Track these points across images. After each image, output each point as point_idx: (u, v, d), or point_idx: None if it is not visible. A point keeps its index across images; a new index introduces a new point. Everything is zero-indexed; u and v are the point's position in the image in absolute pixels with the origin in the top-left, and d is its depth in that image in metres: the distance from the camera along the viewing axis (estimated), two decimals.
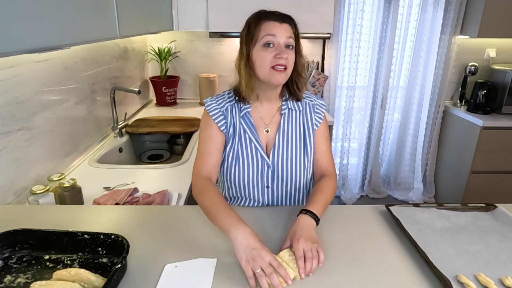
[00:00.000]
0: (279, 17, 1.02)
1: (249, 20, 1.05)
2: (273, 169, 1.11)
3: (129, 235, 0.87)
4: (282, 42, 1.00)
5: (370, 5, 2.58)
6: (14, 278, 0.79)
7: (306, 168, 1.13)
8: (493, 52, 2.71)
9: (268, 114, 1.13)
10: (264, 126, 1.13)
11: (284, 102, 1.13)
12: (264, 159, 1.10)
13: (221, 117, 1.09)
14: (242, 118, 1.10)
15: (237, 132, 1.10)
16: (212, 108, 1.10)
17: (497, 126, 2.38)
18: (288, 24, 1.02)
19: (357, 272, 0.83)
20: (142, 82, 2.51)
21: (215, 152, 1.08)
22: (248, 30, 1.03)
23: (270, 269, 0.76)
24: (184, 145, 1.98)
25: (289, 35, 1.01)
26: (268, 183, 1.12)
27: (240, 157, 1.10)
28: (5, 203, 1.13)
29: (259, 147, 1.10)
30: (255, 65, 1.03)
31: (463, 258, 0.86)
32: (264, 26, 1.01)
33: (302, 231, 0.88)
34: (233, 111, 1.11)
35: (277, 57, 0.99)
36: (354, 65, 2.70)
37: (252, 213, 1.07)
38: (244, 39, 1.04)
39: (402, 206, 1.07)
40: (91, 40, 1.15)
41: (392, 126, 2.93)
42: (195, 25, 2.26)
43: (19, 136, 1.19)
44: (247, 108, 1.10)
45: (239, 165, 1.10)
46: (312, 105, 1.16)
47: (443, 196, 2.89)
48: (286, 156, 1.11)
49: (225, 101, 1.12)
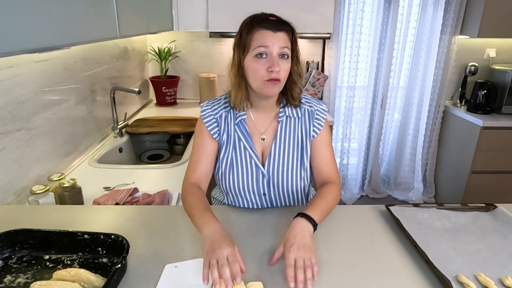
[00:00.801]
0: (273, 24, 0.96)
1: (242, 27, 0.99)
2: (268, 178, 1.08)
3: (129, 235, 0.87)
4: (275, 52, 0.95)
5: (370, 5, 2.58)
6: (14, 278, 0.79)
7: (302, 178, 1.09)
8: (493, 52, 2.71)
9: (264, 122, 1.09)
10: (260, 134, 1.09)
11: (282, 109, 1.09)
12: (258, 168, 1.07)
13: (214, 124, 1.07)
14: (237, 125, 1.07)
15: (232, 139, 1.07)
16: (207, 114, 1.08)
17: (497, 126, 2.38)
18: (283, 32, 0.97)
19: (357, 272, 0.83)
20: (142, 82, 2.51)
21: (205, 161, 1.07)
22: (240, 37, 0.98)
23: (223, 262, 0.75)
24: (184, 145, 1.98)
25: (283, 45, 0.96)
26: (264, 191, 1.09)
27: (235, 164, 1.07)
28: (5, 203, 1.13)
29: (254, 156, 1.07)
30: (248, 75, 0.99)
31: (463, 258, 0.86)
32: (256, 35, 0.95)
33: (295, 238, 0.83)
34: (228, 118, 1.08)
35: (269, 70, 0.94)
36: (354, 65, 2.70)
37: (248, 215, 1.07)
38: (236, 47, 1.00)
39: (402, 206, 1.07)
40: (91, 40, 1.15)
41: (392, 126, 2.93)
42: (195, 25, 2.26)
43: (19, 136, 1.19)
44: (242, 115, 1.07)
45: (233, 173, 1.07)
46: (311, 111, 1.10)
47: (443, 196, 2.89)
48: (282, 166, 1.07)
49: (220, 107, 1.09)
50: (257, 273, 0.81)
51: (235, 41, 1.01)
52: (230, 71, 1.02)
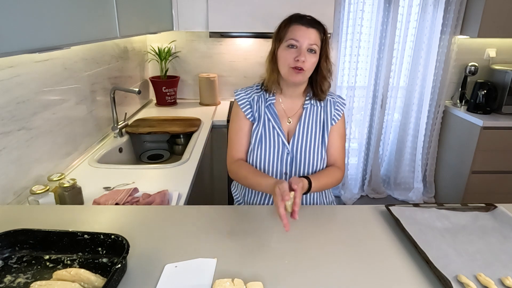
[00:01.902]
0: (308, 22, 1.12)
1: (282, 22, 1.16)
2: (292, 155, 1.20)
3: (129, 235, 0.87)
4: (304, 46, 1.10)
5: (370, 5, 2.58)
6: (14, 278, 0.79)
7: (323, 158, 1.21)
8: (493, 52, 2.71)
9: (291, 108, 1.23)
10: (286, 117, 1.23)
11: (308, 100, 1.23)
12: (285, 145, 1.20)
13: (247, 106, 1.22)
14: (267, 108, 1.21)
15: (262, 119, 1.21)
16: (241, 97, 1.24)
17: (497, 126, 2.38)
18: (315, 29, 1.11)
19: (357, 272, 0.83)
20: (142, 82, 2.51)
21: (243, 140, 1.23)
22: (279, 29, 1.15)
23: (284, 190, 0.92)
24: (184, 145, 1.98)
25: (312, 42, 1.10)
26: (286, 169, 1.21)
27: (263, 140, 1.20)
28: (5, 203, 1.13)
29: (281, 134, 1.20)
30: (278, 62, 1.15)
31: (463, 258, 0.86)
32: (291, 28, 1.11)
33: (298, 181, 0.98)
34: (259, 101, 1.22)
35: (296, 59, 1.09)
36: (354, 65, 2.70)
37: (254, 214, 1.07)
38: (274, 37, 1.17)
39: (402, 206, 1.07)
40: (91, 40, 1.15)
41: (392, 126, 2.93)
42: (195, 25, 2.26)
43: (19, 136, 1.19)
44: (271, 99, 1.22)
45: (261, 148, 1.20)
46: (333, 101, 1.25)
47: (443, 196, 2.89)
48: (305, 145, 1.20)
49: (253, 91, 1.24)
50: (257, 273, 0.81)
51: (274, 33, 1.18)
52: (267, 58, 1.19)
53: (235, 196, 1.38)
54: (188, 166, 1.52)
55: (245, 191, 1.30)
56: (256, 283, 0.77)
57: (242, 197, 1.32)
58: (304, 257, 0.87)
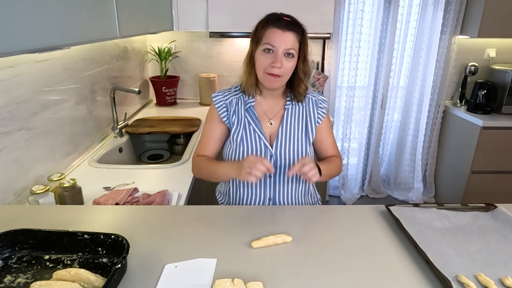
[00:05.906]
0: (285, 24, 1.06)
1: (259, 22, 1.11)
2: (275, 158, 1.17)
3: (129, 235, 0.87)
4: (281, 51, 1.06)
5: (370, 5, 2.58)
6: (14, 278, 0.79)
7: (307, 155, 1.19)
8: (493, 52, 2.71)
9: (272, 109, 1.20)
10: (267, 119, 1.20)
11: (289, 101, 1.20)
12: (267, 147, 1.16)
13: (224, 109, 1.18)
14: (247, 111, 1.18)
15: (242, 122, 1.17)
16: (218, 100, 1.20)
17: (497, 126, 2.38)
18: (292, 32, 1.07)
19: (357, 272, 0.83)
20: (142, 82, 2.51)
21: (213, 144, 1.21)
22: (255, 31, 1.11)
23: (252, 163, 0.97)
24: (184, 145, 1.98)
25: (290, 46, 1.06)
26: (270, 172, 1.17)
27: (244, 144, 1.17)
28: (5, 203, 1.13)
29: (263, 137, 1.16)
30: (255, 66, 1.12)
31: (463, 258, 0.86)
32: (268, 32, 1.07)
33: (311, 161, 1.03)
34: (238, 104, 1.19)
35: (271, 65, 1.06)
36: (354, 65, 2.70)
37: (248, 213, 1.07)
38: (251, 39, 1.13)
39: (402, 206, 1.07)
40: (91, 40, 1.15)
41: (392, 126, 2.93)
42: (195, 25, 2.26)
43: (19, 136, 1.19)
44: (251, 102, 1.18)
45: (242, 152, 1.16)
46: (315, 100, 1.23)
47: (443, 196, 2.89)
48: (289, 146, 1.17)
49: (231, 94, 1.20)
50: (257, 273, 0.81)
51: (251, 34, 1.13)
52: (245, 59, 1.16)
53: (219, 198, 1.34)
54: (188, 166, 1.51)
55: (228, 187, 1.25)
56: (256, 283, 0.77)
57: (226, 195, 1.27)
58: (304, 257, 0.87)
